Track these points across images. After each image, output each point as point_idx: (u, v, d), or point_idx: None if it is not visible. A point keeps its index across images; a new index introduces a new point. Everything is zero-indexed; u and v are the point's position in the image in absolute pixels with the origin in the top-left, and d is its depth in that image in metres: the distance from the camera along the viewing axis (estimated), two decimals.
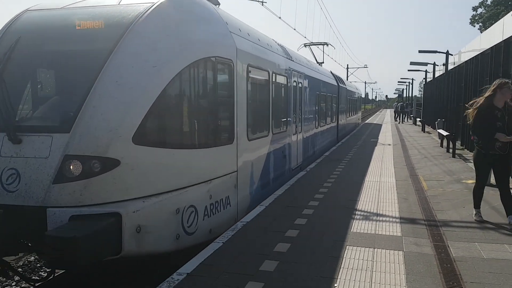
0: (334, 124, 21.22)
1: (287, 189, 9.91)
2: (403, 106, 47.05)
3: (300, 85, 12.94)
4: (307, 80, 13.98)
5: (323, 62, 23.63)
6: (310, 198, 9.00)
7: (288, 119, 11.54)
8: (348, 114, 27.84)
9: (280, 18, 18.67)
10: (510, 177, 7.62)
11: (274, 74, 10.03)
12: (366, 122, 43.41)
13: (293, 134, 12.14)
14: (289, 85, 11.60)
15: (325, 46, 24.70)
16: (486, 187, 10.16)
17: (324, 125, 17.99)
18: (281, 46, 11.81)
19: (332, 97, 20.35)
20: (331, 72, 22.72)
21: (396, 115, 46.22)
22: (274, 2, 22.69)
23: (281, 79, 10.91)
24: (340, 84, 23.15)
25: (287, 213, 7.82)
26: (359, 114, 40.29)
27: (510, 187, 7.38)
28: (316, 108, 15.93)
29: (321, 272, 5.18)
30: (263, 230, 6.80)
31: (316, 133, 15.88)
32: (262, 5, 15.50)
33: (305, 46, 23.41)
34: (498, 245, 6.15)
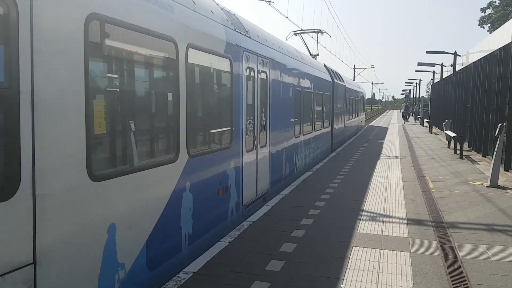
0: (327, 130, 17.13)
1: (293, 189, 9.91)
2: (407, 107, 48.47)
3: (263, 75, 8.73)
4: (278, 71, 9.84)
5: (317, 55, 20.08)
6: (317, 198, 9.00)
7: (235, 127, 7.23)
8: (347, 117, 23.54)
9: (287, 18, 18.67)
10: None
11: (191, 50, 5.56)
12: (370, 124, 40.49)
13: (249, 151, 7.88)
14: (236, 73, 7.22)
15: (320, 34, 20.25)
16: (493, 188, 10.18)
17: (311, 132, 13.93)
18: (225, 11, 7.52)
19: (324, 95, 16.20)
20: (324, 65, 18.56)
21: (404, 116, 46.16)
22: (281, 2, 22.68)
23: (214, 62, 6.51)
24: (335, 80, 19.04)
25: (293, 213, 7.82)
26: (362, 116, 35.54)
27: None
28: (298, 109, 11.81)
29: (327, 273, 5.17)
30: (269, 230, 6.80)
31: (296, 144, 11.80)
32: (270, 4, 15.49)
33: (295, 34, 19.67)
34: (505, 247, 6.11)
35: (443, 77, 31.79)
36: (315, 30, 20.05)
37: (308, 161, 13.44)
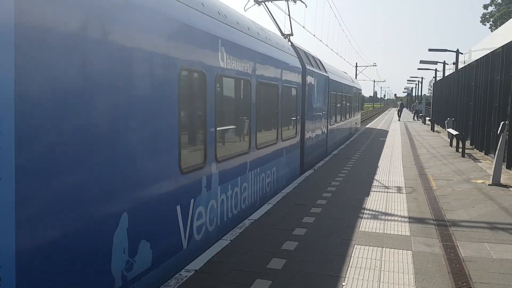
0: (290, 142, 10.73)
1: (295, 187, 9.90)
2: (402, 105, 50.68)
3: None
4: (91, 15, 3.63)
5: (291, 34, 13.15)
6: (318, 196, 8.99)
7: None
8: (332, 119, 17.00)
9: (289, 15, 18.61)
10: None
11: None
12: (367, 126, 33.52)
13: None
14: None
15: (292, 2, 13.69)
16: (495, 186, 10.16)
17: (247, 153, 7.67)
18: None
19: (284, 88, 10.05)
20: (291, 43, 12.44)
21: (399, 114, 47.44)
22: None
23: None
24: (309, 67, 12.62)
25: (295, 211, 7.82)
26: (357, 116, 28.28)
27: None
28: (193, 112, 5.90)
29: (329, 271, 5.17)
30: (271, 228, 6.80)
31: (194, 184, 5.63)
32: (272, 2, 15.44)
33: (256, 3, 12.80)
34: (507, 246, 6.10)
35: (445, 75, 31.75)
36: None
37: (238, 208, 7.35)
